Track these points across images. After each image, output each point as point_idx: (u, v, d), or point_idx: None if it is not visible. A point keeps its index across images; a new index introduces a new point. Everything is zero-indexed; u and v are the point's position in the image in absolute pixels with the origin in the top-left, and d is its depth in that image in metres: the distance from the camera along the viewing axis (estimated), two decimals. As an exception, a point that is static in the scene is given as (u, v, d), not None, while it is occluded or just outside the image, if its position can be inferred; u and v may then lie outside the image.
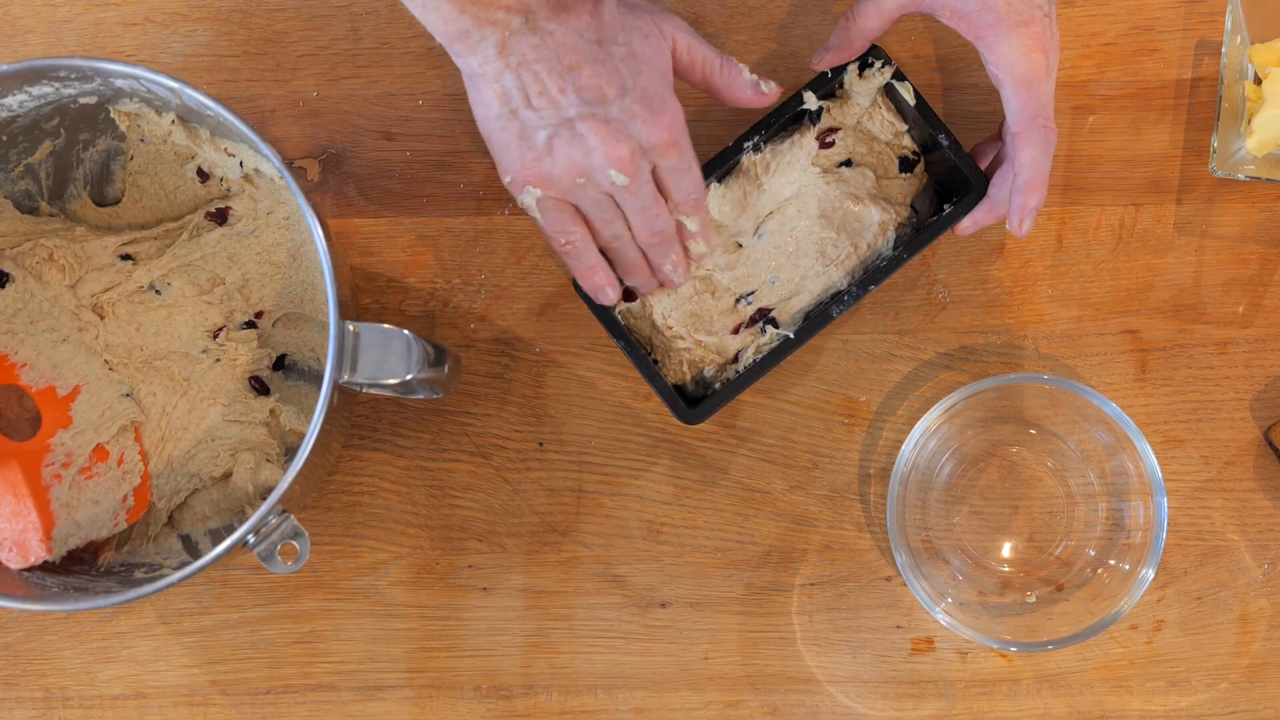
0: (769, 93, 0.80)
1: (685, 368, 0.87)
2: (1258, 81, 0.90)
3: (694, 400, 0.87)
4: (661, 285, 0.84)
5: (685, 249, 0.82)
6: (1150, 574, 0.87)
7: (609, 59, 0.74)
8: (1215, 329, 0.93)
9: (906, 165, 0.88)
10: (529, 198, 0.78)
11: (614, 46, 0.74)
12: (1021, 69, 0.81)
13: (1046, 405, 0.90)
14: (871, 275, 0.86)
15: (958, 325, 0.93)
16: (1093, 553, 0.91)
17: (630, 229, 0.79)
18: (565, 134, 0.75)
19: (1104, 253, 0.93)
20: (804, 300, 0.87)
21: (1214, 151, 0.90)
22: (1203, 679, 0.92)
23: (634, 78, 0.74)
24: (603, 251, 0.82)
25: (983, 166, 0.89)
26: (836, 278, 0.87)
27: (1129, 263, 0.93)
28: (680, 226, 0.81)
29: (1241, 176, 0.90)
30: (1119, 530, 0.90)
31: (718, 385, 0.87)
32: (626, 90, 0.74)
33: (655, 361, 0.88)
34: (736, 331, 0.87)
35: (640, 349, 0.86)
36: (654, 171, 0.77)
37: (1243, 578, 0.92)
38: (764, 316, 0.87)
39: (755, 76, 0.80)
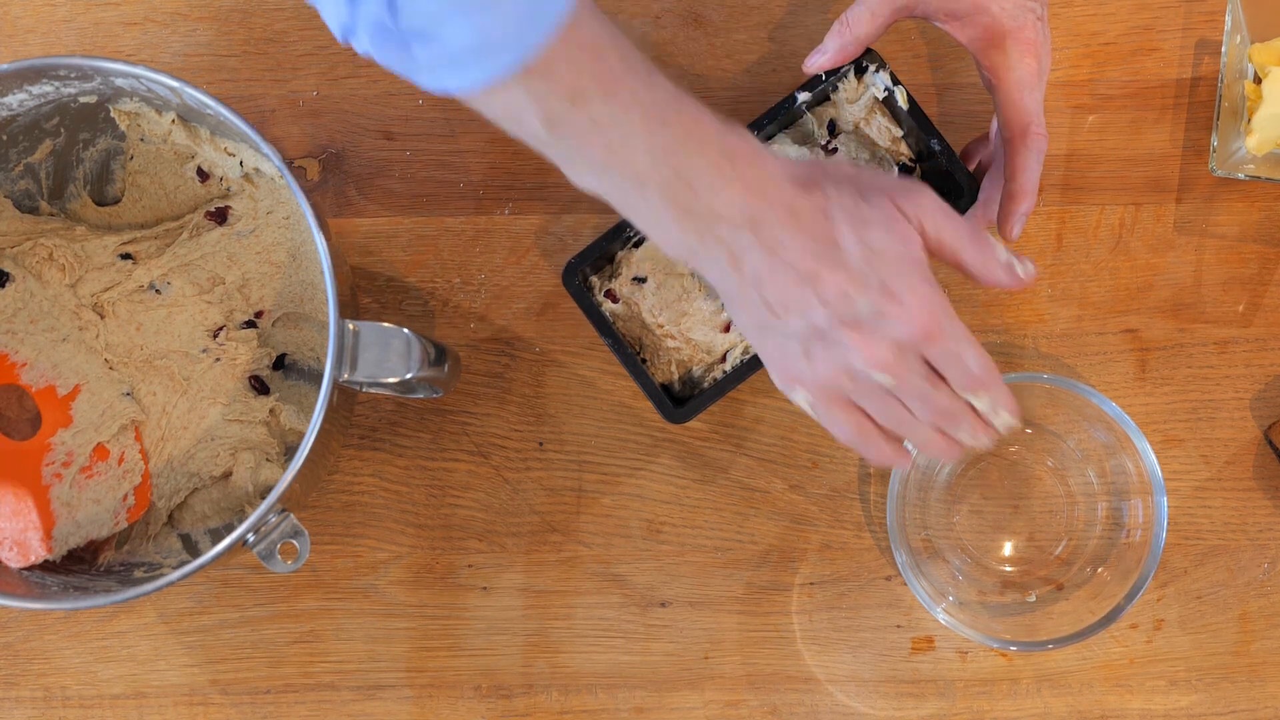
0: (1025, 276, 0.73)
1: (673, 367, 0.88)
2: (1257, 81, 0.90)
3: (681, 400, 0.87)
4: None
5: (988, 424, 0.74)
6: (1150, 573, 0.87)
7: (848, 259, 0.68)
8: (1215, 328, 0.93)
9: (905, 172, 0.88)
10: (800, 398, 0.73)
11: (851, 245, 0.68)
12: (1014, 75, 0.82)
13: (1046, 404, 0.90)
14: None
15: (958, 325, 0.93)
16: (1094, 552, 0.91)
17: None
18: (820, 342, 0.70)
19: (1104, 252, 0.93)
20: None
21: (1214, 151, 0.91)
22: (1203, 678, 0.92)
23: (877, 273, 0.68)
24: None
25: (971, 167, 0.89)
26: None
27: (1129, 262, 0.93)
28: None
29: (1241, 176, 0.90)
30: (1119, 529, 0.90)
31: (705, 384, 0.87)
32: (871, 288, 0.68)
33: (644, 360, 0.88)
34: (726, 330, 0.87)
35: (629, 348, 0.86)
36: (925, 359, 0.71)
37: (1243, 577, 0.92)
38: None
39: (1010, 256, 0.73)
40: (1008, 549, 0.93)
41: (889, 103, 0.88)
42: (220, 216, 0.90)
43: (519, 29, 0.60)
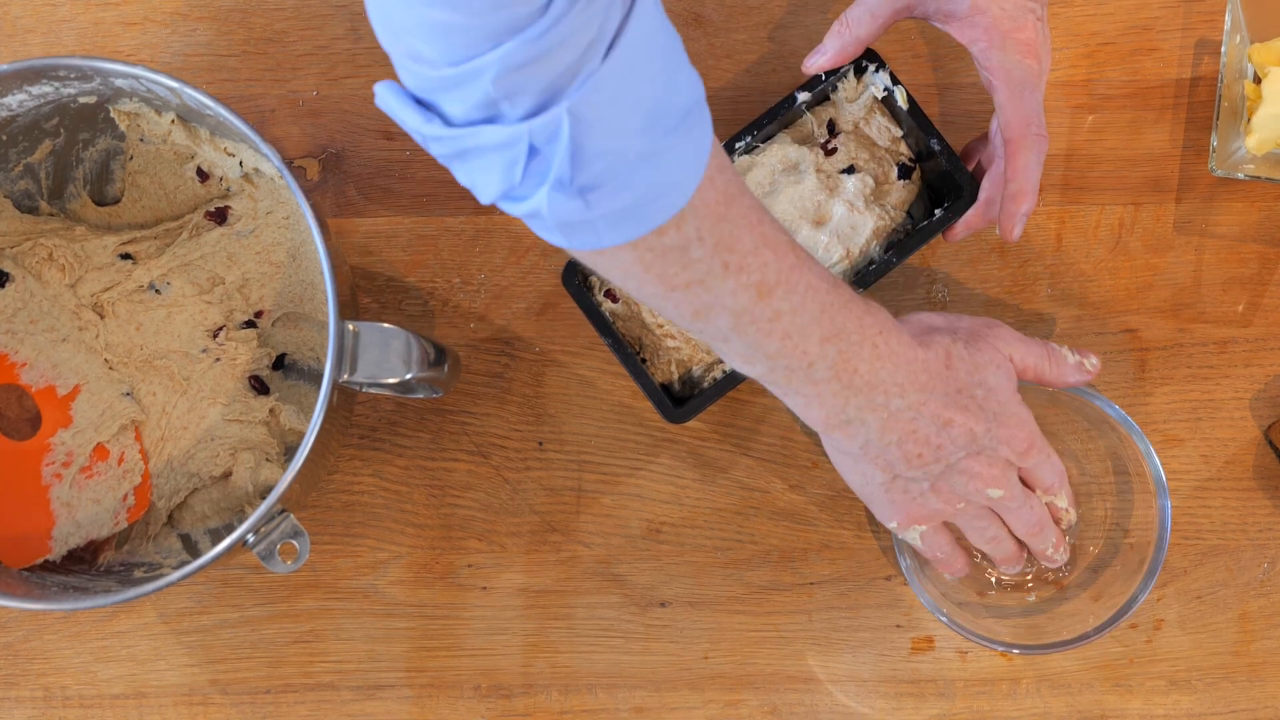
0: (1093, 369, 0.83)
1: (673, 367, 0.88)
2: (1257, 81, 0.90)
3: (681, 400, 0.87)
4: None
5: (1059, 527, 0.85)
6: (1154, 576, 0.87)
7: (971, 401, 0.78)
8: (1215, 328, 0.93)
9: (904, 172, 0.88)
10: (914, 534, 0.82)
11: (974, 390, 0.78)
12: (1015, 76, 0.82)
13: (1047, 405, 0.90)
14: (860, 279, 0.86)
15: (957, 324, 0.93)
16: (1096, 554, 0.91)
17: (1007, 526, 0.83)
18: (946, 476, 0.79)
19: (1104, 252, 0.93)
20: None
21: (1213, 151, 0.91)
22: (1203, 678, 0.92)
23: (994, 408, 0.78)
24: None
25: (971, 167, 0.89)
26: None
27: (1128, 262, 0.93)
28: (1050, 505, 0.84)
29: (1241, 176, 0.90)
30: (1121, 531, 0.90)
31: (705, 384, 0.87)
32: (990, 420, 0.78)
33: (644, 360, 0.88)
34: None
35: (629, 348, 0.86)
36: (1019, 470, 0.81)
37: (1243, 577, 0.92)
38: None
39: (1077, 357, 0.83)
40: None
41: (888, 102, 0.88)
42: (220, 216, 0.90)
43: (677, 177, 0.64)
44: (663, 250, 0.66)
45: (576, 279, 0.86)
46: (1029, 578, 0.92)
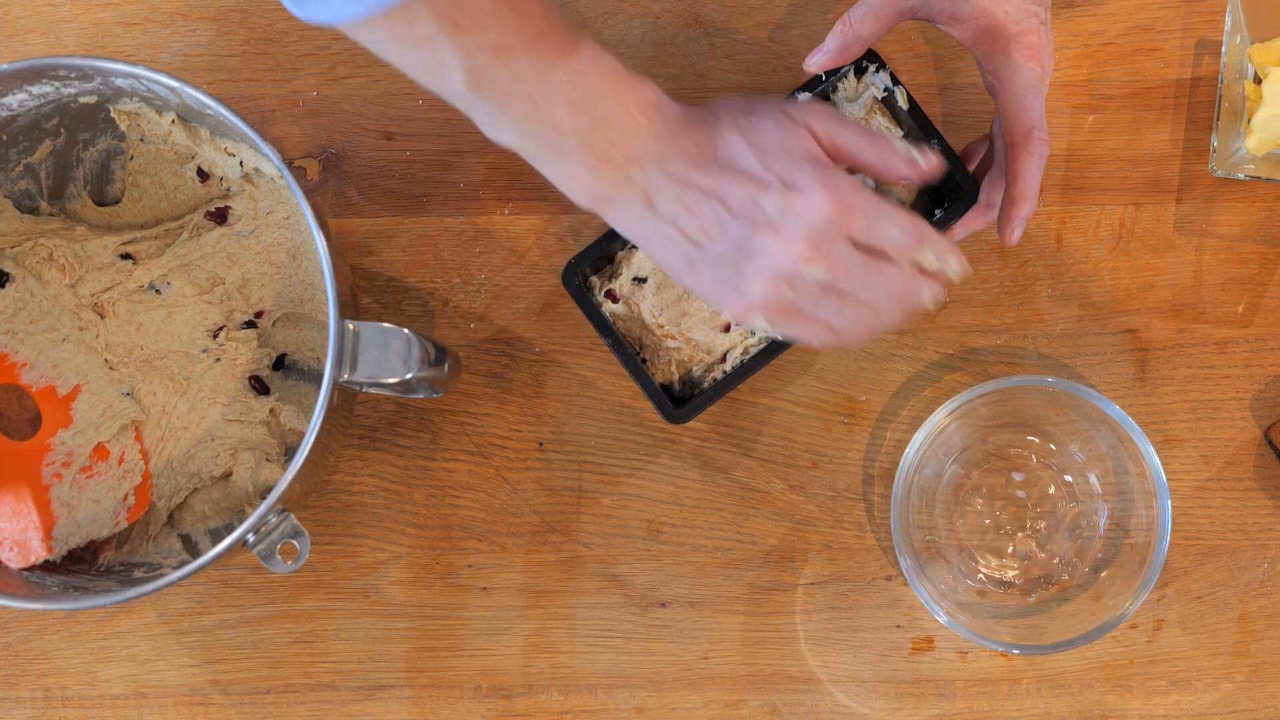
0: (927, 166, 0.73)
1: (674, 367, 0.88)
2: (1257, 81, 0.90)
3: (681, 400, 0.87)
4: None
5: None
6: (1154, 576, 0.87)
7: (746, 168, 0.70)
8: (1215, 329, 0.93)
9: None
10: (759, 325, 0.72)
11: (743, 150, 0.70)
12: (1018, 79, 0.82)
13: (1048, 406, 0.90)
14: None
15: (958, 325, 0.93)
16: (1096, 554, 0.91)
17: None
18: (746, 256, 0.70)
19: (1104, 252, 0.93)
20: None
21: (1214, 151, 0.91)
22: (1203, 679, 0.92)
23: (775, 172, 0.69)
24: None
25: (971, 168, 0.89)
26: None
27: (1129, 262, 0.93)
28: (919, 265, 0.72)
29: (1241, 176, 0.90)
30: (1121, 532, 0.90)
31: (705, 385, 0.87)
32: (773, 187, 0.69)
33: (644, 360, 0.88)
34: (726, 330, 0.87)
35: (629, 348, 0.86)
36: (855, 242, 0.70)
37: (1243, 577, 0.92)
38: None
39: (909, 148, 0.72)
40: (1010, 551, 0.93)
41: (889, 102, 0.88)
42: (220, 216, 0.90)
43: None
44: (389, 13, 0.63)
45: (577, 279, 0.86)
46: (1030, 579, 0.92)
